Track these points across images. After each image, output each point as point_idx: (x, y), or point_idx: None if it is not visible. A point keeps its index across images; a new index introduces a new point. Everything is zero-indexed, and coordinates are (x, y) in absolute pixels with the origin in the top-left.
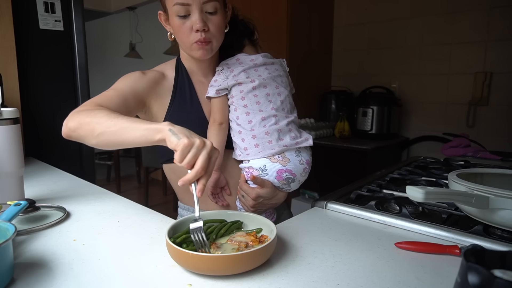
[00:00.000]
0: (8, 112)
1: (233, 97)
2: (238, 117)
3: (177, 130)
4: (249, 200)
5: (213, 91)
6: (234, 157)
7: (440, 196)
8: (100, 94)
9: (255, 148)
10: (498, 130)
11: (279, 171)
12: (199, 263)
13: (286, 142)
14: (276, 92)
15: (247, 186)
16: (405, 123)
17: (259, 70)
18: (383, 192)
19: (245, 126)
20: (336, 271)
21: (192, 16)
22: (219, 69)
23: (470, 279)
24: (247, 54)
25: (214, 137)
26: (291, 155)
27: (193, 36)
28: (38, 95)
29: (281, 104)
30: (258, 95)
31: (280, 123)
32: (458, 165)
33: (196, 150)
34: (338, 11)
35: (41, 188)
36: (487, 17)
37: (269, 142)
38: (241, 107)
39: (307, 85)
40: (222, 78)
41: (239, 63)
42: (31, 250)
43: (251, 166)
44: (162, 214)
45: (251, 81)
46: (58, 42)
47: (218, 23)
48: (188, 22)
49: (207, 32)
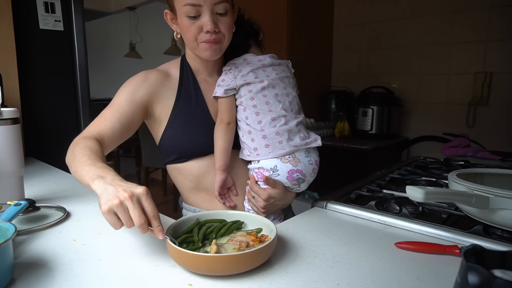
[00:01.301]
0: (8, 112)
1: (241, 97)
2: (248, 117)
3: (100, 190)
4: (260, 201)
5: (221, 91)
6: (242, 157)
7: (440, 196)
8: (99, 115)
9: (265, 148)
10: (498, 130)
11: (290, 172)
12: (199, 263)
13: (296, 142)
14: (284, 92)
15: (258, 187)
16: (405, 123)
17: (267, 71)
18: (383, 192)
19: (255, 126)
20: (336, 271)
21: (203, 17)
22: (227, 68)
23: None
24: (254, 55)
25: (222, 137)
26: (301, 155)
27: (202, 37)
28: (38, 95)
29: (289, 104)
30: (268, 95)
31: (290, 123)
32: (458, 165)
33: (122, 208)
34: (338, 11)
35: (41, 188)
36: (487, 17)
37: (279, 143)
38: (251, 107)
39: (307, 85)
40: (230, 78)
41: (247, 63)
42: (31, 250)
43: (261, 167)
44: (162, 214)
45: (260, 81)
46: (58, 42)
47: (228, 24)
48: (197, 23)
49: (217, 33)
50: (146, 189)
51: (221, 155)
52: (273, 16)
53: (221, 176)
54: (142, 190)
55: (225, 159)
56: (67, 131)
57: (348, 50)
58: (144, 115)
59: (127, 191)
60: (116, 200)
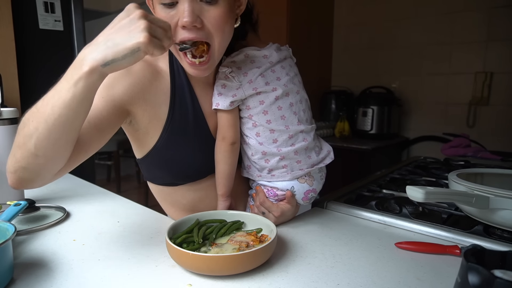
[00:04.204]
0: (8, 112)
1: (250, 108)
2: (259, 134)
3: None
4: (272, 217)
5: (226, 103)
6: (248, 176)
7: (440, 196)
8: None
9: (282, 169)
10: (498, 130)
11: (306, 192)
12: (199, 263)
13: (314, 160)
14: (298, 99)
15: (271, 203)
16: (405, 123)
17: (276, 71)
18: (383, 192)
19: (269, 145)
20: (336, 271)
21: (180, 5)
22: (227, 70)
23: (470, 279)
24: (257, 48)
25: (225, 159)
26: (315, 173)
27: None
28: (38, 95)
29: (303, 114)
30: (282, 108)
31: (307, 138)
32: (458, 165)
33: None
34: (338, 11)
35: (41, 188)
36: (487, 17)
37: (297, 162)
38: (264, 123)
39: (307, 85)
40: (235, 84)
41: (251, 62)
42: (31, 250)
43: (275, 187)
44: (162, 214)
45: (272, 90)
46: (58, 42)
47: (217, 16)
48: (175, 14)
49: (199, 29)
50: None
51: (225, 181)
52: (273, 16)
53: (225, 203)
54: (139, 10)
55: (229, 185)
56: None
57: (348, 50)
58: (122, 118)
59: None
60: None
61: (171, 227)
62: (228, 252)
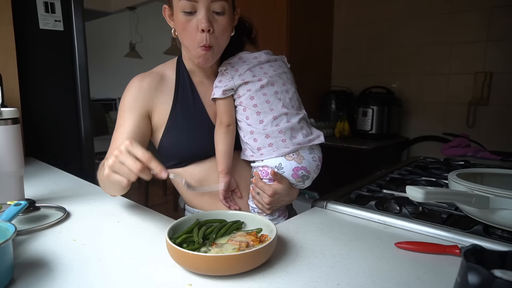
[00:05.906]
0: (8, 112)
1: (240, 96)
2: (248, 117)
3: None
4: (266, 197)
5: (219, 92)
6: (244, 158)
7: (440, 196)
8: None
9: (269, 147)
10: (498, 130)
11: (295, 169)
12: (199, 263)
13: (299, 140)
14: (284, 89)
15: (263, 183)
16: (405, 123)
17: (264, 68)
18: (383, 192)
19: (256, 126)
20: (336, 271)
21: (198, 14)
22: (223, 69)
23: (470, 279)
24: (249, 52)
25: (222, 140)
26: (304, 153)
27: (199, 38)
28: (38, 95)
29: (290, 101)
30: (267, 94)
31: (292, 120)
32: (458, 165)
33: (119, 164)
34: (338, 11)
35: (41, 188)
36: (487, 17)
37: (283, 141)
38: (251, 107)
39: (307, 85)
40: (228, 78)
41: (243, 62)
42: (31, 250)
43: (265, 165)
44: (162, 214)
45: (258, 80)
46: (58, 42)
47: (224, 24)
48: (194, 20)
49: (211, 34)
50: (130, 139)
51: (223, 158)
52: (273, 16)
53: (224, 179)
54: (127, 142)
55: (227, 162)
56: (67, 131)
57: (348, 50)
58: (149, 122)
59: (116, 150)
60: (110, 161)
61: (171, 227)
62: (228, 252)
